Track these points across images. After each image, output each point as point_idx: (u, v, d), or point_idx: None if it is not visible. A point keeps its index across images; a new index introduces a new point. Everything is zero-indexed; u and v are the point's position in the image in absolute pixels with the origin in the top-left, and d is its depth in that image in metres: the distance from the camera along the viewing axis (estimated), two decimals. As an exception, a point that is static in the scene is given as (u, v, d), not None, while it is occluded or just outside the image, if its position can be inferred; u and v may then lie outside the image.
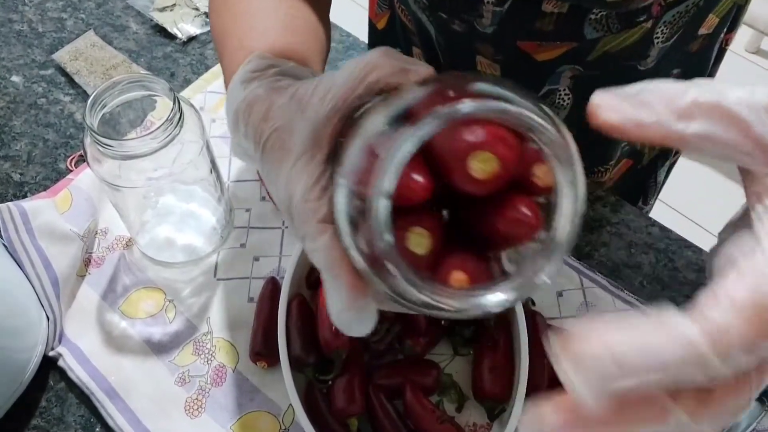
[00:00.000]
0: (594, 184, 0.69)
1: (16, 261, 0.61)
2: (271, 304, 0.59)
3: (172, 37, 0.84)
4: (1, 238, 0.62)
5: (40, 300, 0.60)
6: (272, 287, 0.61)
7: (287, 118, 0.34)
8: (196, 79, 0.79)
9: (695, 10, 0.58)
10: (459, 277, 0.28)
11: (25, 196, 0.70)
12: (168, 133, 0.51)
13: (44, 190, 0.69)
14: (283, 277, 0.57)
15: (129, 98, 0.54)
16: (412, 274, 0.26)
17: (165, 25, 0.84)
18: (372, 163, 0.26)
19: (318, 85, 0.33)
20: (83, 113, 0.51)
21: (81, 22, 0.86)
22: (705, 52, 0.67)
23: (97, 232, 0.67)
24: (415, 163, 0.27)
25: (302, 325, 0.56)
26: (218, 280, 0.64)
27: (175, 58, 0.82)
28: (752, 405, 0.20)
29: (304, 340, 0.55)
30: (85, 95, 0.78)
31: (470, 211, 0.30)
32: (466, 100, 0.25)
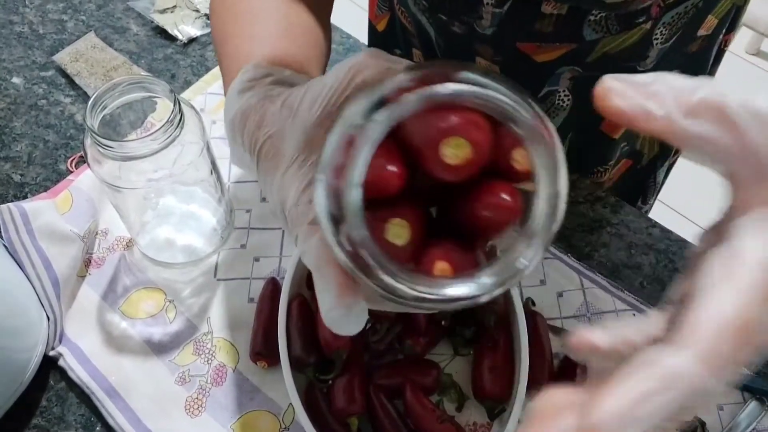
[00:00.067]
0: (593, 185, 0.69)
1: (16, 261, 0.61)
2: (272, 305, 0.59)
3: (172, 39, 0.84)
4: (2, 238, 0.63)
5: (40, 300, 0.60)
6: (272, 287, 0.61)
7: (279, 125, 0.34)
8: (197, 80, 0.79)
9: (694, 11, 0.58)
10: (442, 267, 0.28)
11: (25, 197, 0.70)
12: (168, 135, 0.51)
13: (45, 191, 0.69)
14: (284, 278, 0.57)
15: (129, 100, 0.54)
16: (392, 266, 0.26)
17: (165, 27, 0.85)
18: (348, 155, 0.26)
19: (307, 90, 0.33)
20: (84, 114, 0.51)
21: (81, 24, 0.86)
22: (704, 53, 0.67)
23: (97, 233, 0.67)
24: (389, 152, 0.27)
25: (302, 326, 0.56)
26: (218, 280, 0.64)
27: (176, 60, 0.82)
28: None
29: (305, 340, 0.55)
30: (85, 96, 0.78)
31: (452, 200, 0.30)
32: (439, 84, 0.25)
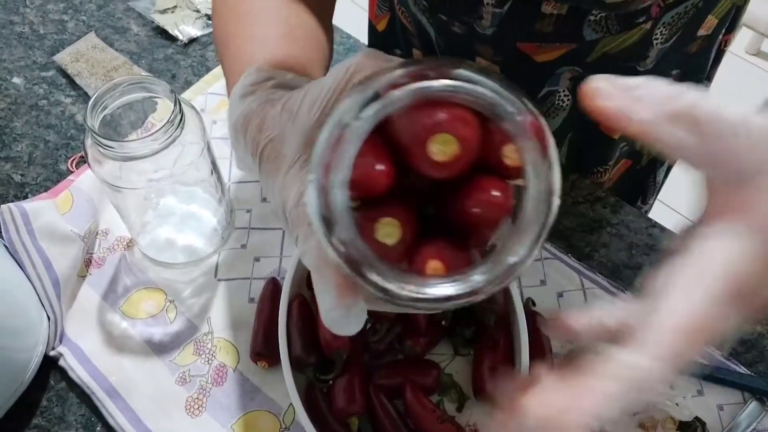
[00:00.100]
0: (593, 185, 0.69)
1: (16, 261, 0.62)
2: (272, 305, 0.59)
3: (173, 39, 0.84)
4: (2, 238, 0.63)
5: (40, 300, 0.61)
6: (273, 288, 0.62)
7: (280, 128, 0.34)
8: (197, 80, 0.80)
9: (694, 11, 0.58)
10: (434, 266, 0.27)
11: (26, 197, 0.70)
12: (169, 135, 0.51)
13: (45, 191, 0.70)
14: (284, 278, 0.57)
15: (130, 100, 0.54)
16: (382, 266, 0.26)
17: (166, 27, 0.85)
18: (334, 154, 0.26)
19: (307, 92, 0.34)
20: (84, 115, 0.51)
21: (82, 24, 0.86)
22: (704, 53, 0.67)
23: (97, 233, 0.67)
24: (377, 150, 0.27)
25: (303, 326, 0.56)
26: (219, 280, 0.64)
27: (176, 60, 0.83)
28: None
29: (305, 340, 0.55)
30: (86, 97, 0.78)
31: (444, 198, 0.29)
32: (427, 80, 0.25)
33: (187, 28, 0.85)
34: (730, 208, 0.24)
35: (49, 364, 0.60)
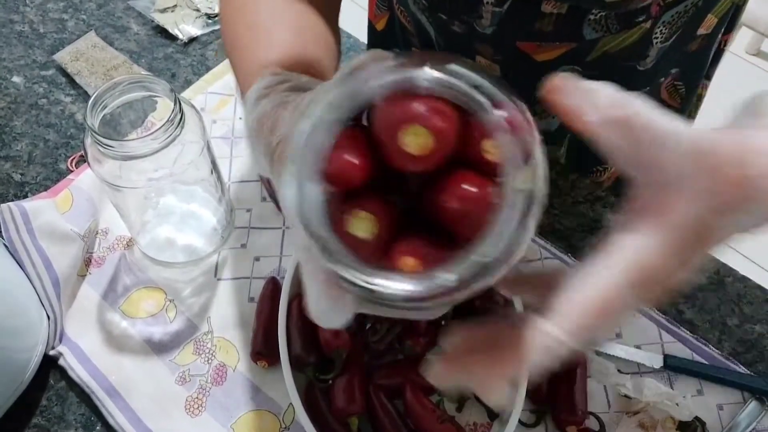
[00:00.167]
0: (593, 184, 0.69)
1: (16, 261, 0.61)
2: (272, 304, 0.59)
3: (173, 38, 0.84)
4: (2, 237, 0.63)
5: (40, 300, 0.61)
6: (273, 287, 0.61)
7: (289, 129, 0.34)
8: (197, 80, 0.79)
9: (694, 10, 0.58)
10: (408, 263, 0.27)
11: (25, 197, 0.70)
12: (169, 134, 0.51)
13: (45, 191, 0.70)
14: (284, 277, 0.57)
15: (130, 99, 0.54)
16: (349, 258, 0.25)
17: (166, 26, 0.85)
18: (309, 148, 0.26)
19: (314, 93, 0.34)
20: (84, 114, 0.51)
21: (82, 23, 0.86)
22: (703, 52, 0.67)
23: (97, 232, 0.67)
24: (354, 143, 0.27)
25: (303, 325, 0.56)
26: (219, 280, 0.64)
27: (176, 59, 0.82)
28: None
29: (305, 339, 0.55)
30: (86, 96, 0.78)
31: (425, 193, 0.28)
32: (406, 72, 0.25)
33: (187, 27, 0.85)
34: (649, 208, 0.27)
35: (49, 364, 0.60)
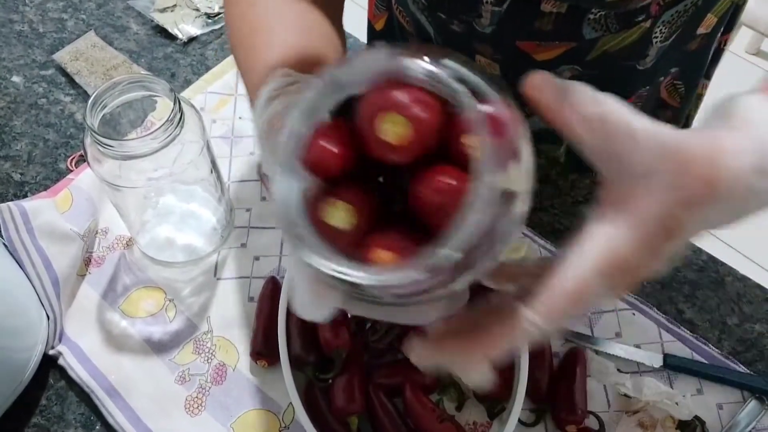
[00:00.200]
0: (593, 184, 0.69)
1: (16, 260, 0.61)
2: (272, 304, 0.59)
3: (172, 38, 0.84)
4: (2, 237, 0.63)
5: (40, 299, 0.60)
6: (272, 287, 0.61)
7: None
8: (197, 79, 0.79)
9: (694, 10, 0.58)
10: (383, 256, 0.26)
11: (25, 196, 0.70)
12: (168, 134, 0.51)
13: (45, 190, 0.70)
14: (284, 277, 0.57)
15: (129, 98, 0.54)
16: (318, 245, 0.25)
17: (165, 26, 0.85)
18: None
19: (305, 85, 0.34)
20: (84, 113, 0.51)
21: (82, 23, 0.86)
22: (703, 51, 0.67)
23: (97, 232, 0.67)
24: (336, 133, 0.27)
25: (302, 325, 0.56)
26: (218, 279, 0.64)
27: (176, 59, 0.82)
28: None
29: (305, 339, 0.55)
30: (85, 95, 0.78)
31: (405, 186, 0.28)
32: (390, 62, 0.25)
33: (186, 27, 0.85)
34: (620, 201, 0.29)
35: (49, 363, 0.60)
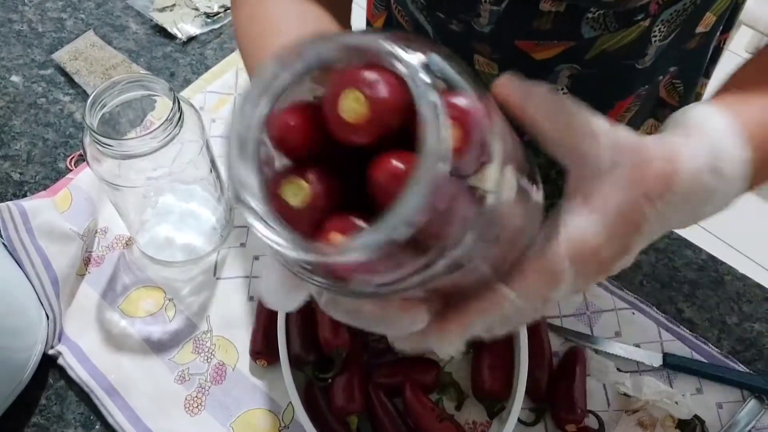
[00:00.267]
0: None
1: (15, 260, 0.61)
2: (271, 303, 0.59)
3: (171, 37, 0.84)
4: (1, 237, 0.63)
5: (39, 299, 0.60)
6: (272, 286, 0.61)
7: None
8: (196, 79, 0.79)
9: (693, 9, 0.58)
10: (337, 239, 0.25)
11: (24, 196, 0.70)
12: (168, 133, 0.51)
13: (44, 190, 0.70)
14: (283, 276, 0.57)
15: (129, 98, 0.54)
16: (268, 215, 0.25)
17: (165, 25, 0.85)
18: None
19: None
20: (83, 113, 0.51)
21: (81, 22, 0.86)
22: (702, 50, 0.67)
23: (96, 232, 0.67)
24: (301, 111, 0.27)
25: (302, 324, 0.56)
26: (218, 279, 0.64)
27: (175, 58, 0.82)
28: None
29: (304, 338, 0.55)
30: (84, 95, 0.78)
31: (364, 170, 0.27)
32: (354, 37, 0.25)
33: (185, 27, 0.85)
34: (585, 193, 0.31)
35: (48, 363, 0.60)
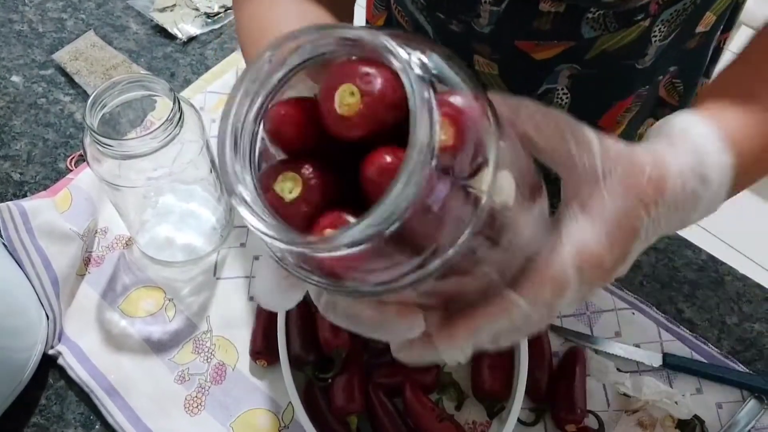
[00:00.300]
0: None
1: (16, 260, 0.61)
2: (271, 303, 0.59)
3: (172, 38, 0.84)
4: (1, 237, 0.63)
5: (39, 299, 0.61)
6: (272, 286, 0.61)
7: None
8: (196, 79, 0.80)
9: (693, 8, 0.58)
10: (326, 233, 0.25)
11: (25, 196, 0.70)
12: (168, 133, 0.51)
13: (44, 190, 0.70)
14: (283, 276, 0.57)
15: (129, 98, 0.54)
16: (260, 207, 0.25)
17: (165, 26, 0.85)
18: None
19: None
20: (83, 113, 0.51)
21: (81, 23, 0.86)
22: (702, 50, 0.67)
23: (96, 232, 0.67)
24: (298, 104, 0.27)
25: (302, 324, 0.56)
26: (218, 279, 0.64)
27: (175, 59, 0.82)
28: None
29: (304, 338, 0.55)
30: (85, 95, 0.78)
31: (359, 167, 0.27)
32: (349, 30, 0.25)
33: (186, 27, 0.85)
34: (580, 201, 0.32)
35: (48, 363, 0.60)
